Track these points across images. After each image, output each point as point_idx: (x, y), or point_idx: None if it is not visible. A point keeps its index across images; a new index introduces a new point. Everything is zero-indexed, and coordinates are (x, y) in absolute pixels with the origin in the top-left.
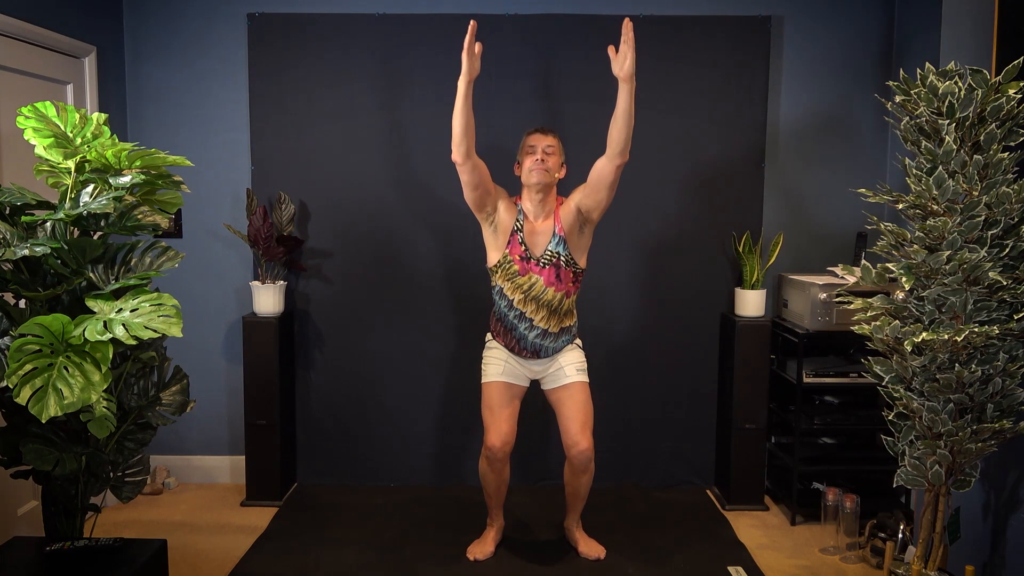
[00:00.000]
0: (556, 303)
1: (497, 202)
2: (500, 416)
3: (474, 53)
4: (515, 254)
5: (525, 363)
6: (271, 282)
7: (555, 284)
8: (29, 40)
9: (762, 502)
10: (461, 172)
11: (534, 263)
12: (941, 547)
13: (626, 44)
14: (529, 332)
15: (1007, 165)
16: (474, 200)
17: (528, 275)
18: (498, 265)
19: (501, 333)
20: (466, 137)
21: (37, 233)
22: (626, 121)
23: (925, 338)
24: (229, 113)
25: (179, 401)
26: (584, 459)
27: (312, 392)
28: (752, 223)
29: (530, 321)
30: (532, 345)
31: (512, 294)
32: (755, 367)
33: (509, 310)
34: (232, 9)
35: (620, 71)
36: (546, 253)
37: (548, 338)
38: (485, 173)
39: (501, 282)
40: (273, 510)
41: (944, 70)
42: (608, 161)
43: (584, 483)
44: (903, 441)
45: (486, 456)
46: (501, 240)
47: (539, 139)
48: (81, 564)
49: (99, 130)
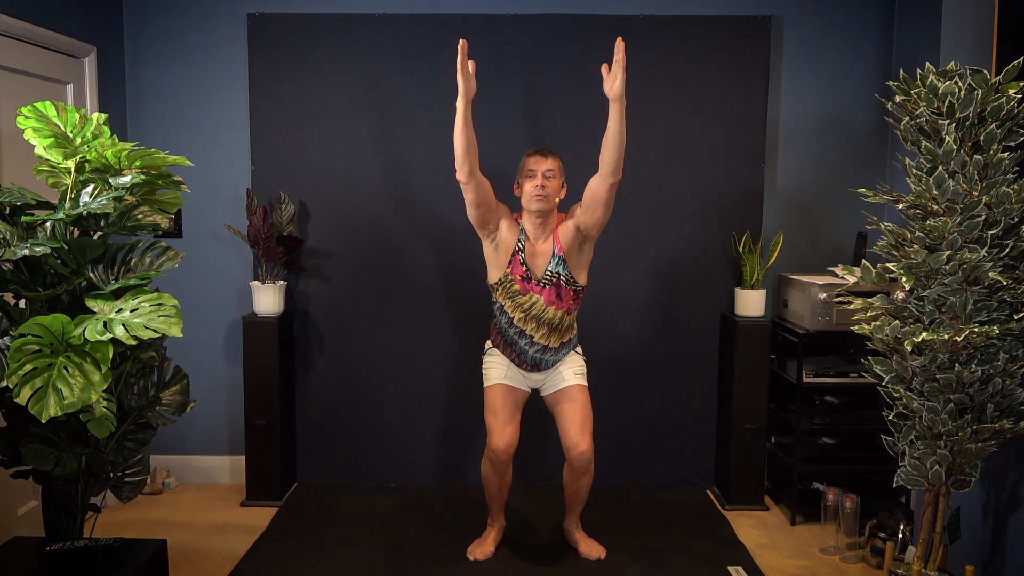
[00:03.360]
0: (557, 321)
1: (500, 220)
2: (503, 419)
3: (468, 73)
4: (516, 274)
5: (526, 374)
6: (271, 282)
7: (556, 303)
8: (29, 40)
9: (762, 502)
10: (465, 191)
11: (535, 283)
12: (941, 547)
13: (617, 64)
14: (529, 348)
15: (1007, 165)
16: (477, 218)
17: (529, 295)
18: (499, 283)
19: (502, 346)
20: (468, 156)
21: (37, 233)
22: (617, 141)
23: (925, 338)
24: (229, 113)
25: (179, 401)
26: (584, 461)
27: (312, 392)
28: (752, 223)
29: (530, 338)
30: (532, 359)
31: (513, 312)
32: (755, 367)
33: (510, 327)
34: (232, 9)
35: (610, 90)
36: (547, 274)
37: (548, 352)
38: (489, 192)
39: (502, 299)
40: (273, 510)
41: (944, 70)
42: (601, 180)
43: (584, 485)
44: (903, 441)
45: (489, 458)
46: (503, 259)
47: (539, 163)
48: (81, 564)
49: (99, 130)
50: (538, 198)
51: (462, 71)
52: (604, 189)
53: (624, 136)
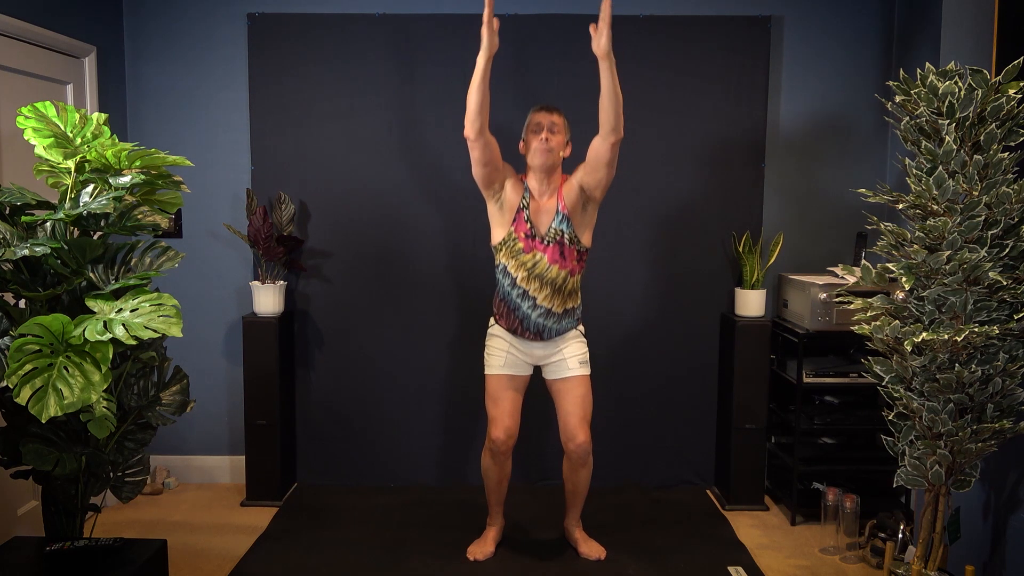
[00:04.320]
0: (560, 281)
1: (505, 179)
2: (503, 409)
3: (493, 29)
4: (520, 232)
5: (527, 347)
6: (271, 282)
7: (559, 262)
8: (29, 40)
9: (762, 502)
10: (472, 148)
11: (539, 241)
12: (941, 547)
13: (603, 22)
14: (532, 311)
15: (1007, 165)
16: (483, 177)
17: (532, 252)
18: (503, 243)
19: (504, 314)
20: (481, 114)
21: (37, 233)
22: (612, 99)
23: (925, 338)
24: (229, 113)
25: (179, 401)
26: (582, 452)
27: (312, 392)
28: (752, 223)
29: (533, 300)
30: (535, 325)
31: (516, 271)
32: (755, 367)
33: (512, 288)
34: (232, 9)
35: (598, 48)
36: (550, 231)
37: (551, 318)
38: (496, 151)
39: (505, 260)
40: (273, 510)
41: (944, 70)
42: (603, 140)
43: (583, 478)
44: (903, 441)
45: (490, 448)
46: (507, 217)
47: (544, 117)
48: (81, 564)
49: (99, 130)
50: (542, 152)
51: (488, 26)
52: (606, 149)
53: (618, 93)
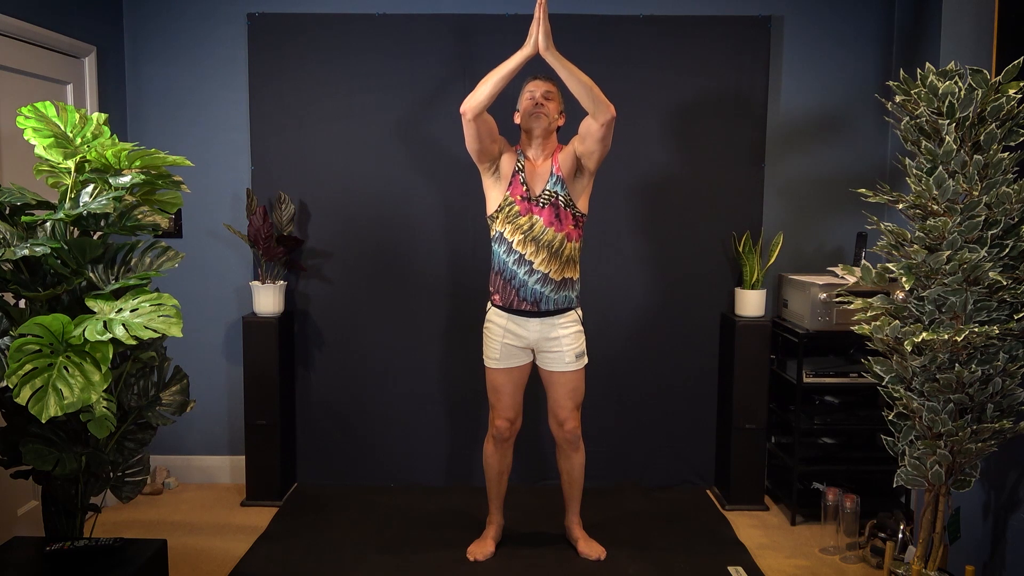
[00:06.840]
0: (557, 245)
1: (500, 152)
2: (504, 399)
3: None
4: (516, 195)
5: (524, 325)
6: (271, 282)
7: (555, 224)
8: (29, 40)
9: (762, 502)
10: (467, 127)
11: (534, 203)
12: (941, 547)
13: (534, 22)
14: (529, 277)
15: (1007, 165)
16: (477, 151)
17: (529, 215)
18: (499, 209)
19: (500, 287)
20: (487, 104)
21: (37, 233)
22: (578, 88)
23: (925, 338)
24: (229, 113)
25: (179, 401)
26: (572, 437)
27: (312, 392)
28: (752, 223)
29: (530, 264)
30: (532, 294)
31: (512, 236)
32: (755, 367)
33: (508, 255)
34: (232, 9)
35: (537, 47)
36: (545, 192)
37: (549, 285)
38: (493, 126)
39: (501, 227)
40: (273, 510)
41: (944, 70)
42: (592, 120)
43: (577, 465)
44: (903, 441)
45: (493, 436)
46: (503, 184)
47: (538, 85)
48: (81, 564)
49: (99, 130)
50: (537, 115)
51: (543, 25)
52: (596, 128)
53: (581, 80)
